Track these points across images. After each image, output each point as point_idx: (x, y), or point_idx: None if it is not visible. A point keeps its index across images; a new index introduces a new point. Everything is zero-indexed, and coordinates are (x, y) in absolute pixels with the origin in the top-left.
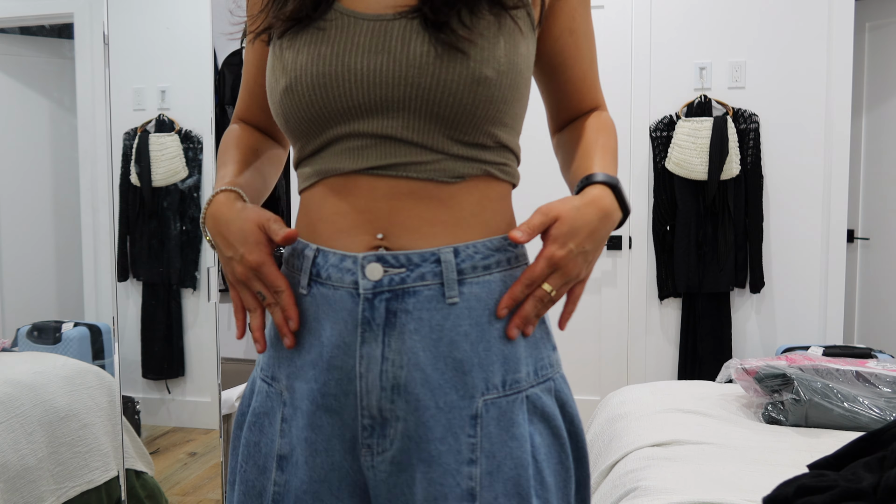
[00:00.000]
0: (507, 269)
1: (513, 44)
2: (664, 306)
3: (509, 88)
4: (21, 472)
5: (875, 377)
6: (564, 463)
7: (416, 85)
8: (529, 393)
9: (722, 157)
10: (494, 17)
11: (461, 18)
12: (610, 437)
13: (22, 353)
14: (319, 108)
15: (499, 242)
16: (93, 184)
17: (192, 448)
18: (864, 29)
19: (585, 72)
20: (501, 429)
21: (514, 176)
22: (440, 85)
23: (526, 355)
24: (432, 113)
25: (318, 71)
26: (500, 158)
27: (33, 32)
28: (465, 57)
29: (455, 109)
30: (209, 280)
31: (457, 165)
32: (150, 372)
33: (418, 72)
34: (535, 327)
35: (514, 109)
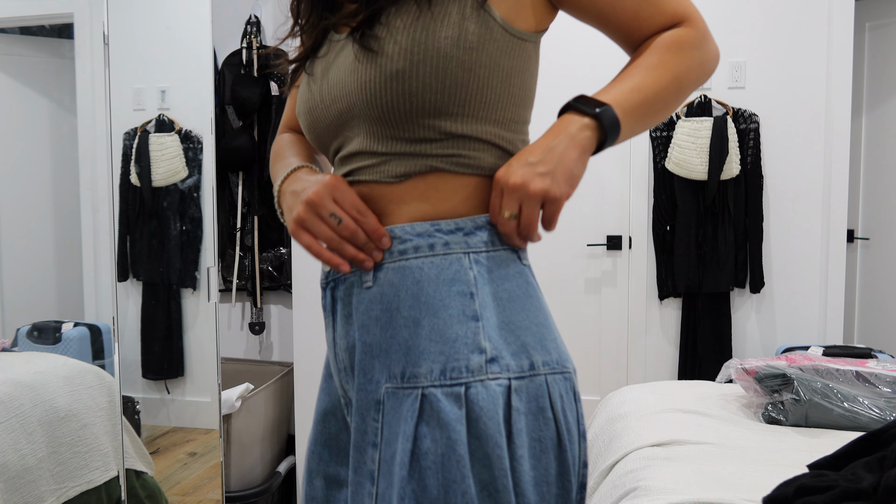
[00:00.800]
0: (427, 256)
1: (435, 28)
2: (664, 306)
3: (433, 76)
4: (21, 472)
5: (875, 377)
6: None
7: (349, 93)
8: (427, 392)
9: (722, 157)
10: (416, 5)
11: (381, 18)
12: (610, 437)
13: (22, 353)
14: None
15: (421, 228)
16: (93, 184)
17: (192, 448)
18: (864, 29)
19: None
20: (395, 421)
21: (478, 166)
22: (362, 88)
23: (433, 351)
24: (368, 116)
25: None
26: (449, 150)
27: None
28: (376, 55)
29: (381, 109)
30: (209, 280)
31: (399, 165)
32: (149, 372)
33: (347, 79)
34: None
35: (460, 96)
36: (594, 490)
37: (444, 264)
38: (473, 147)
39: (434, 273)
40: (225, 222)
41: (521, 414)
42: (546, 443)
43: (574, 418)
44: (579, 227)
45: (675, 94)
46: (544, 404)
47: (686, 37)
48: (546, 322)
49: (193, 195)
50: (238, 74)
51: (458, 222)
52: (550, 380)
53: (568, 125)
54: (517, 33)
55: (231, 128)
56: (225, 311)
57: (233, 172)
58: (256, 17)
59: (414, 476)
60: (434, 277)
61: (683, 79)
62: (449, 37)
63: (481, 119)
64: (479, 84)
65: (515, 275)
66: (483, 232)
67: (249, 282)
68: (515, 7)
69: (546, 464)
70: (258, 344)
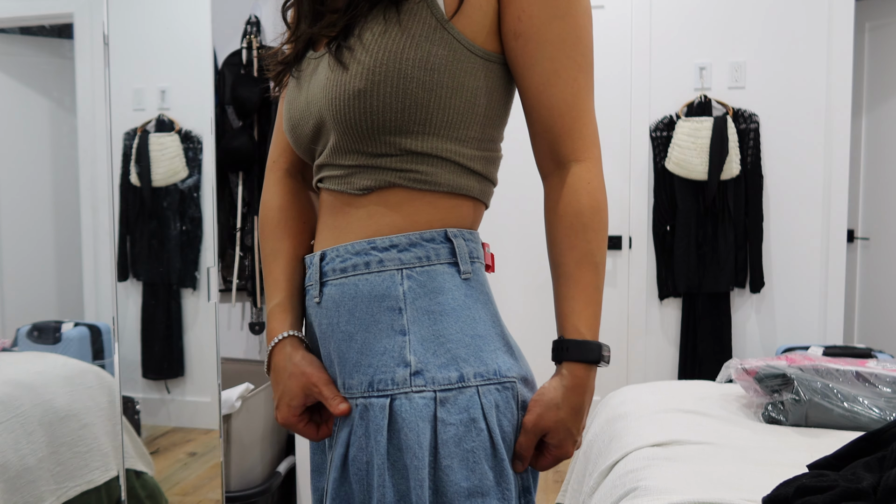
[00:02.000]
0: (363, 274)
1: (395, 46)
2: (664, 306)
3: (393, 96)
4: (21, 472)
5: (875, 377)
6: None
7: (320, 108)
8: (359, 402)
9: (722, 157)
10: (384, 21)
11: (354, 31)
12: (610, 437)
13: (22, 353)
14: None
15: (360, 246)
16: (93, 184)
17: (192, 448)
18: (864, 29)
19: (542, 90)
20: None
21: (434, 182)
22: (330, 104)
23: (364, 364)
24: (335, 130)
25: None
26: (406, 166)
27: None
28: (345, 71)
29: (346, 125)
30: (209, 280)
31: (362, 179)
32: (150, 372)
33: (319, 94)
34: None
35: (420, 115)
36: (594, 490)
37: (376, 281)
38: (431, 164)
39: (367, 290)
40: (225, 222)
41: (448, 425)
42: (479, 453)
43: (513, 427)
44: None
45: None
46: (476, 415)
47: (598, 201)
48: (486, 333)
49: (193, 195)
50: (238, 74)
51: (393, 239)
52: (483, 391)
53: (587, 381)
54: (483, 54)
55: (231, 128)
56: (225, 311)
57: (233, 172)
58: (256, 17)
59: (344, 480)
60: (367, 294)
61: (605, 236)
62: (411, 58)
63: (442, 137)
64: (440, 104)
65: (452, 288)
66: (417, 248)
67: (249, 282)
68: (481, 28)
69: (480, 474)
70: (258, 344)
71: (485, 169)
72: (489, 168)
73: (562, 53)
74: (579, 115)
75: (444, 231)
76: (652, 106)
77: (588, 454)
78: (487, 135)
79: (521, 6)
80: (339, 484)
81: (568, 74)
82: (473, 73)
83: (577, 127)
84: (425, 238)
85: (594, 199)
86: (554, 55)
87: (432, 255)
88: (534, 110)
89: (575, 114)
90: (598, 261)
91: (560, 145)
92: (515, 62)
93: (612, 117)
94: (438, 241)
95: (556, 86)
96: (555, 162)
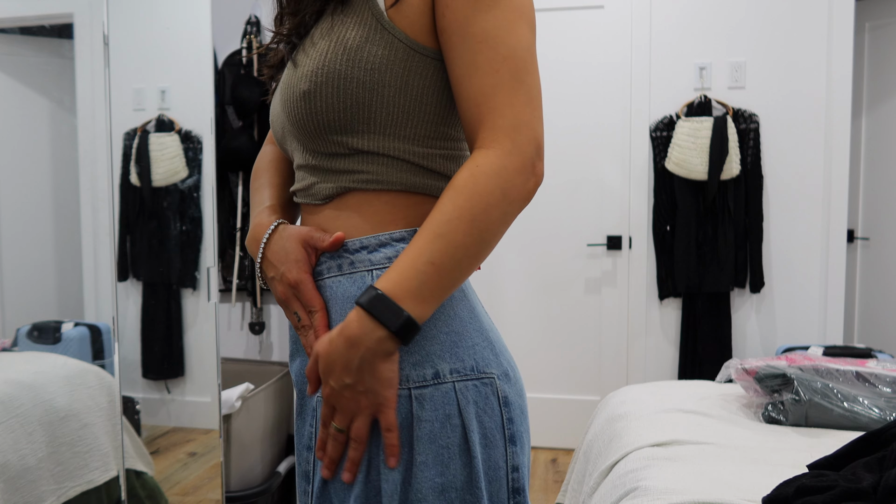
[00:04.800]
0: (335, 276)
1: (336, 48)
2: (664, 306)
3: (334, 97)
4: (21, 472)
5: (875, 377)
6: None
7: (280, 111)
8: None
9: (722, 157)
10: (330, 20)
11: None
12: (610, 437)
13: (22, 353)
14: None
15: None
16: (93, 184)
17: (192, 448)
18: (864, 29)
19: (460, 81)
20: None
21: (387, 181)
22: (284, 106)
23: None
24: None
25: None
26: (356, 167)
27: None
28: (294, 70)
29: (297, 126)
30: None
31: (323, 189)
32: (150, 372)
33: (279, 98)
34: None
35: (363, 114)
36: (594, 490)
37: (349, 282)
38: (380, 163)
39: (341, 291)
40: (225, 222)
41: (422, 422)
42: (453, 449)
43: (496, 423)
44: (579, 227)
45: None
46: (451, 411)
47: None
48: (462, 329)
49: (193, 195)
50: (238, 74)
51: (363, 241)
52: (460, 387)
53: (359, 329)
54: (426, 51)
55: (231, 128)
56: (225, 311)
57: (233, 172)
58: (256, 17)
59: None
60: (341, 295)
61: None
62: (350, 59)
63: (389, 136)
64: (383, 103)
65: None
66: (387, 248)
67: (249, 282)
68: (421, 26)
69: (454, 470)
70: (258, 344)
71: (445, 167)
72: (451, 166)
73: (484, 45)
74: (496, 106)
75: (413, 230)
76: (652, 106)
77: (588, 454)
78: (443, 133)
79: (446, 1)
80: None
81: (489, 66)
82: (419, 72)
83: (490, 118)
84: (395, 238)
85: (472, 177)
86: (475, 48)
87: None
88: (457, 103)
89: (491, 104)
90: (444, 233)
91: (474, 135)
92: (444, 56)
93: (612, 117)
94: (408, 240)
95: (475, 77)
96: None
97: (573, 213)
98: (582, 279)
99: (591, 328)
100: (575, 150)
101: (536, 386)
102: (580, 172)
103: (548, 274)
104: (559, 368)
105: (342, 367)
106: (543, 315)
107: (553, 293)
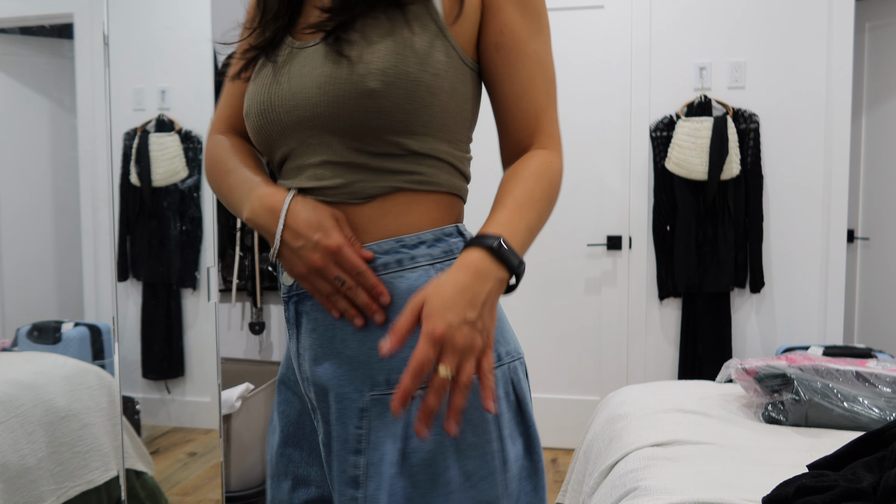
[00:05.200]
0: (397, 271)
1: (405, 50)
2: (664, 306)
3: (403, 98)
4: (21, 472)
5: (875, 377)
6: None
7: (315, 104)
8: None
9: (722, 157)
10: (388, 21)
11: (354, 25)
12: (610, 437)
13: (22, 353)
14: (265, 132)
15: (388, 245)
16: (93, 184)
17: (192, 448)
18: (864, 29)
19: (520, 96)
20: (381, 425)
21: (435, 183)
22: (332, 101)
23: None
24: (330, 128)
25: (261, 98)
26: (409, 168)
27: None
28: (351, 65)
29: (349, 123)
30: (209, 280)
31: (365, 186)
32: (150, 372)
33: (313, 90)
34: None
35: (423, 117)
36: (594, 490)
37: (413, 277)
38: (431, 165)
39: (405, 286)
40: (225, 222)
41: (501, 400)
42: (517, 423)
43: (527, 399)
44: (579, 227)
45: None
46: (509, 389)
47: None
48: (501, 316)
49: (193, 195)
50: None
51: (420, 236)
52: (511, 367)
53: (481, 264)
54: (469, 63)
55: None
56: (225, 311)
57: None
58: None
59: (404, 473)
60: (406, 290)
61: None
62: (420, 63)
63: (438, 139)
64: (441, 107)
65: None
66: (442, 243)
67: (249, 282)
68: (469, 38)
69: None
70: (258, 344)
71: (467, 169)
72: (468, 168)
73: (538, 67)
74: (550, 119)
75: (455, 226)
76: (652, 106)
77: (588, 454)
78: (468, 137)
79: (504, 21)
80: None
81: (542, 85)
82: (464, 81)
83: (547, 128)
84: (446, 233)
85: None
86: (533, 68)
87: (454, 249)
88: (510, 114)
89: (546, 117)
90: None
91: (530, 139)
92: (494, 71)
93: (612, 117)
94: (455, 236)
95: (532, 94)
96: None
97: (573, 212)
98: (582, 279)
99: (591, 328)
100: (575, 150)
101: (536, 386)
102: (580, 172)
103: (548, 274)
104: (559, 368)
105: (468, 302)
106: (543, 315)
107: (553, 293)
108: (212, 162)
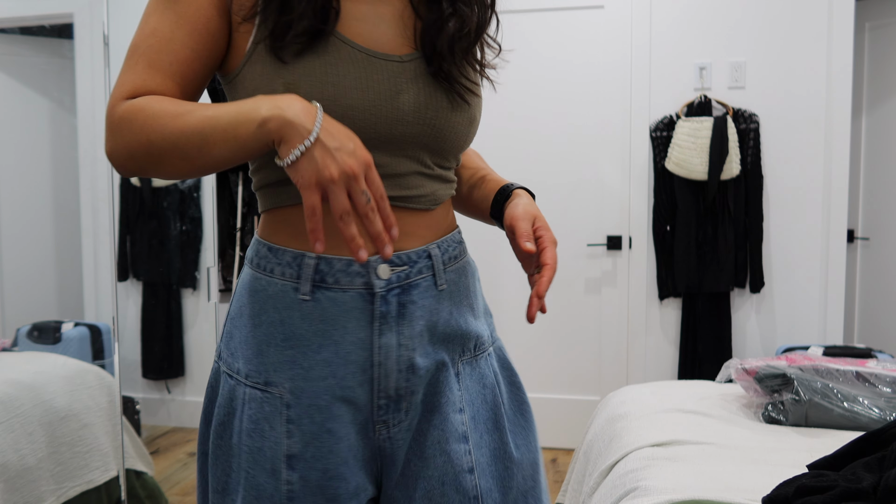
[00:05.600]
0: (464, 256)
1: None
2: (664, 306)
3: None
4: (21, 472)
5: (875, 377)
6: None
7: (433, 125)
8: (490, 351)
9: (722, 157)
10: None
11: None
12: (610, 437)
13: (22, 353)
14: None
15: (458, 236)
16: (93, 184)
17: (191, 448)
18: (864, 29)
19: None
20: (475, 382)
21: (457, 191)
22: (452, 126)
23: (483, 324)
24: (435, 148)
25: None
26: (453, 178)
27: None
28: (468, 104)
29: (453, 144)
30: (209, 280)
31: (441, 194)
32: (150, 372)
33: (435, 114)
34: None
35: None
36: (594, 490)
37: (470, 261)
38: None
39: (470, 269)
40: (225, 222)
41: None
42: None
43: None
44: (579, 227)
45: None
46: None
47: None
48: None
49: (193, 195)
50: None
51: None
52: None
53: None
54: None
55: None
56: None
57: (233, 172)
58: None
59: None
60: (471, 272)
61: None
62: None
63: None
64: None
65: None
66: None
67: None
68: None
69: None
70: None
71: None
72: None
73: None
74: None
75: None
76: (652, 106)
77: (588, 454)
78: None
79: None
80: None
81: None
82: None
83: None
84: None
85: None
86: None
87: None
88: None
89: None
90: None
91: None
92: None
93: (612, 117)
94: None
95: None
96: None
97: (573, 213)
98: (582, 279)
99: (591, 328)
100: (575, 150)
101: (536, 386)
102: (580, 172)
103: None
104: (559, 368)
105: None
106: (543, 315)
107: (553, 293)
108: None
